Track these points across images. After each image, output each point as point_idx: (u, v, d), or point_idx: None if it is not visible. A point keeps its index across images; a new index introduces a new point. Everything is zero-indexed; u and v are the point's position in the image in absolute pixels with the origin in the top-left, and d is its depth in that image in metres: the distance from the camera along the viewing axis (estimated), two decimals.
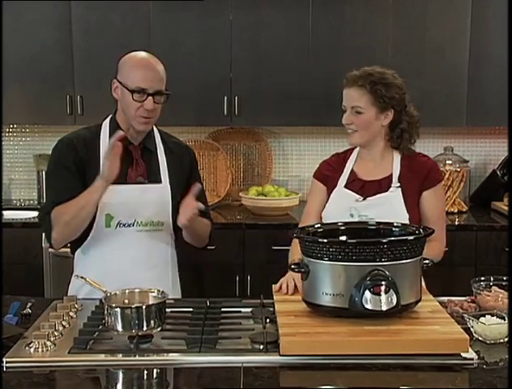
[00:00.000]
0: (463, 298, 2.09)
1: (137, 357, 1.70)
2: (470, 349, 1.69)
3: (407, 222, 2.18)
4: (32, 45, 3.66)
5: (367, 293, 1.72)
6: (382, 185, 2.30)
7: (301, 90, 3.69)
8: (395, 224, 1.98)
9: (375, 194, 2.29)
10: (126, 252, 2.21)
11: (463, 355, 1.68)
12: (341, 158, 2.45)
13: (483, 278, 2.13)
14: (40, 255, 3.49)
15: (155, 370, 1.66)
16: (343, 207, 2.29)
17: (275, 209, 3.69)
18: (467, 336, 1.69)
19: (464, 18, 3.63)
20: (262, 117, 3.73)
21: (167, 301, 1.85)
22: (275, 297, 1.99)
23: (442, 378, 1.64)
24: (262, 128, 4.12)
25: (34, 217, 3.62)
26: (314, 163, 4.13)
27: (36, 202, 4.01)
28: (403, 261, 1.76)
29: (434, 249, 2.18)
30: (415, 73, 3.62)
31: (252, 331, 1.82)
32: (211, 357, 1.69)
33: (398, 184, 2.28)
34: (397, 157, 2.34)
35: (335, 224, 2.03)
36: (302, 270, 1.82)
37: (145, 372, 1.66)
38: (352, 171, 2.37)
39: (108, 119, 2.30)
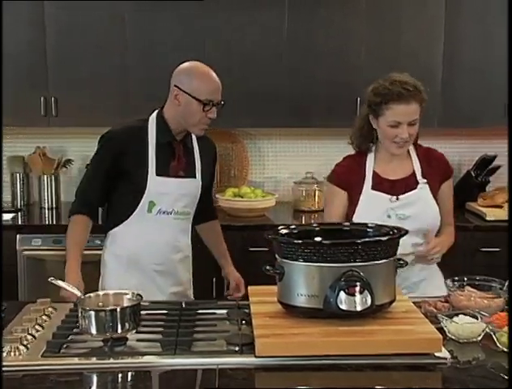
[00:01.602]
0: (437, 298, 2.11)
1: (111, 360, 1.69)
2: (443, 349, 1.71)
3: (439, 215, 2.38)
4: (4, 46, 3.61)
5: (341, 294, 1.73)
6: (409, 183, 2.39)
7: (277, 92, 3.69)
8: (369, 225, 2.00)
9: (404, 193, 2.37)
10: (161, 236, 2.43)
11: (437, 354, 1.69)
12: (357, 160, 2.48)
13: (456, 278, 2.15)
14: (14, 258, 3.44)
15: (129, 373, 1.66)
16: (378, 209, 2.34)
17: (252, 210, 3.69)
18: (440, 336, 1.71)
19: (438, 22, 3.67)
20: (238, 119, 3.72)
21: (141, 304, 1.84)
22: (250, 299, 1.99)
23: (416, 378, 1.66)
24: (239, 130, 4.11)
25: (7, 220, 3.58)
26: (290, 164, 4.20)
27: (10, 204, 3.95)
28: (378, 261, 1.77)
29: (452, 233, 2.45)
30: (389, 74, 3.65)
31: (227, 333, 1.82)
32: (185, 359, 1.69)
33: (425, 180, 2.39)
34: (413, 153, 2.43)
35: (310, 224, 2.05)
36: (277, 271, 1.82)
37: (119, 375, 1.64)
38: (375, 172, 2.41)
39: (154, 114, 2.46)
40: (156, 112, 2.46)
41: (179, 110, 2.37)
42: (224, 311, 2.01)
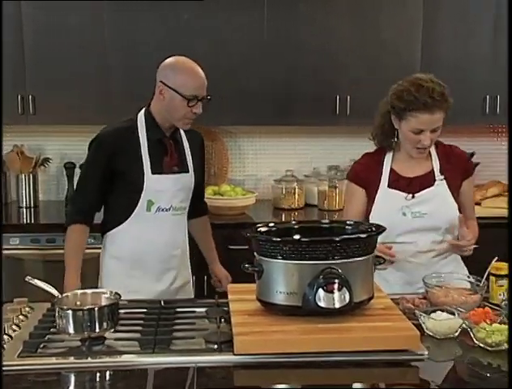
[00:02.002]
0: (415, 295, 2.13)
1: (89, 359, 1.68)
2: (421, 345, 1.72)
3: (457, 212, 2.35)
4: None
5: (320, 291, 1.73)
6: (426, 181, 2.37)
7: (257, 90, 3.69)
8: (348, 223, 2.01)
9: (420, 190, 2.35)
10: (162, 234, 2.44)
11: (415, 350, 1.70)
12: (375, 157, 2.46)
13: (434, 275, 2.17)
14: None
15: (107, 372, 1.65)
16: (393, 207, 2.34)
17: (232, 208, 3.69)
18: (417, 332, 1.72)
19: (416, 21, 3.71)
20: (219, 117, 3.72)
21: (120, 302, 1.84)
22: (229, 297, 1.99)
23: (394, 374, 1.68)
24: (219, 128, 4.11)
25: None
26: (270, 162, 4.21)
27: None
28: (356, 259, 1.78)
29: (475, 226, 2.46)
30: (369, 73, 3.68)
31: (206, 331, 1.83)
32: (164, 358, 1.69)
33: (442, 176, 2.38)
34: (433, 151, 2.42)
35: (289, 222, 2.05)
36: (256, 269, 1.83)
37: (97, 374, 1.64)
38: (392, 170, 2.40)
39: (142, 112, 2.45)
40: (144, 109, 2.45)
41: (164, 105, 2.37)
42: (203, 309, 2.01)
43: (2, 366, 1.60)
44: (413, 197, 2.34)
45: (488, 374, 1.65)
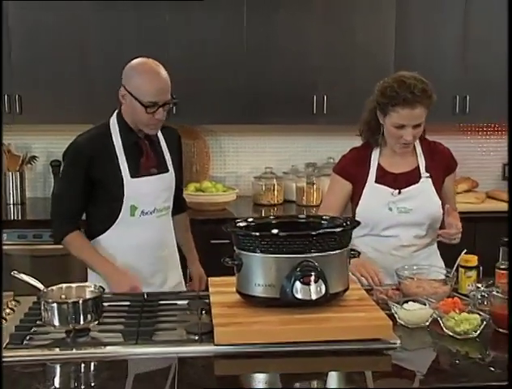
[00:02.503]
0: (389, 286, 2.19)
1: (74, 351, 1.72)
2: (393, 334, 1.78)
3: (439, 208, 2.39)
4: None
5: (297, 284, 1.78)
6: (412, 177, 2.41)
7: (237, 89, 3.76)
8: (324, 218, 2.06)
9: (407, 186, 2.39)
10: (148, 237, 2.38)
11: (387, 339, 1.76)
12: (362, 152, 2.49)
13: (406, 267, 2.24)
14: None
15: (92, 363, 1.69)
16: (379, 202, 2.38)
17: (213, 204, 3.75)
18: (390, 322, 1.78)
19: (389, 23, 3.80)
20: (200, 116, 3.79)
21: (104, 295, 1.88)
22: (210, 289, 2.03)
23: (368, 362, 1.73)
24: (200, 126, 4.15)
25: None
26: (250, 159, 4.27)
27: None
28: (332, 252, 1.83)
29: (458, 217, 2.40)
30: (344, 73, 3.76)
31: (187, 323, 1.87)
32: (147, 349, 1.73)
33: (428, 174, 2.41)
34: (418, 148, 2.46)
35: (267, 217, 2.10)
36: (235, 262, 1.87)
37: (82, 365, 1.67)
38: (379, 165, 2.44)
39: (114, 116, 2.38)
40: (116, 113, 2.37)
41: (128, 110, 2.31)
42: (185, 302, 2.05)
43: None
44: (399, 193, 2.38)
45: (457, 361, 1.72)
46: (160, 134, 2.44)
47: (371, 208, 2.37)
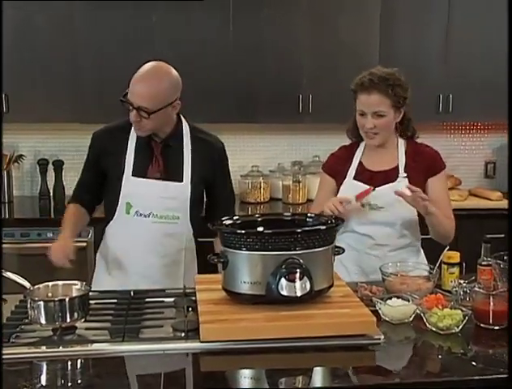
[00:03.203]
0: (372, 283, 2.20)
1: (60, 348, 1.73)
2: (377, 330, 1.81)
3: (415, 211, 2.34)
4: None
5: (283, 281, 1.79)
6: (390, 176, 2.41)
7: (223, 89, 3.77)
8: (309, 215, 2.08)
9: (383, 185, 2.40)
10: (140, 239, 2.37)
11: (371, 335, 1.79)
12: (348, 150, 2.52)
13: (390, 264, 2.26)
14: None
15: (78, 360, 1.70)
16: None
17: None
18: (374, 318, 1.80)
19: (374, 22, 3.83)
20: (188, 114, 3.77)
21: (91, 293, 1.89)
22: (196, 287, 2.04)
23: (352, 357, 1.76)
24: None
25: None
26: (237, 158, 4.26)
27: None
28: (316, 249, 1.85)
29: (446, 219, 2.37)
30: (329, 72, 3.78)
31: (174, 320, 1.88)
32: (133, 346, 1.74)
33: (405, 174, 2.40)
34: (401, 148, 2.46)
35: (253, 215, 2.11)
36: (221, 260, 1.89)
37: (69, 363, 1.68)
38: (360, 163, 2.47)
39: None
40: None
41: None
42: (172, 299, 2.07)
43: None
44: (373, 190, 2.39)
45: (440, 356, 1.75)
46: (187, 144, 2.40)
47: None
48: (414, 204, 2.29)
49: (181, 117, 2.45)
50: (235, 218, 2.05)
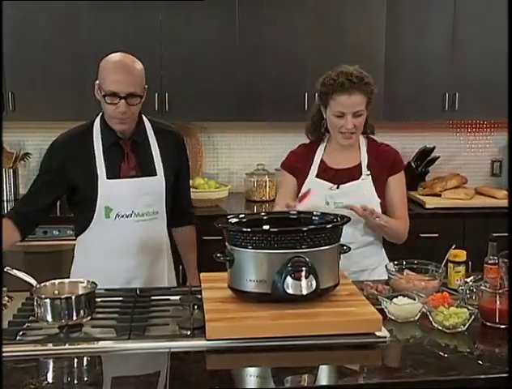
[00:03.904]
0: (379, 281, 2.22)
1: (67, 346, 1.73)
2: (383, 328, 1.81)
3: (378, 207, 2.38)
4: None
5: (288, 279, 1.79)
6: (353, 174, 2.42)
7: (229, 87, 3.78)
8: (315, 214, 2.07)
9: (347, 182, 2.40)
10: (125, 240, 2.32)
11: (377, 333, 1.79)
12: (308, 148, 2.53)
13: (396, 262, 2.26)
14: None
15: (84, 358, 1.70)
16: (318, 196, 2.36)
17: (206, 201, 3.76)
18: (380, 316, 1.80)
19: (380, 21, 3.82)
20: (192, 113, 3.81)
21: (97, 291, 1.89)
22: (202, 285, 2.04)
23: (358, 356, 1.75)
24: (193, 123, 4.17)
25: None
26: (242, 156, 4.29)
27: None
28: (322, 247, 1.85)
29: (397, 222, 2.42)
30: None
31: (180, 318, 1.88)
32: (139, 344, 1.74)
33: (369, 172, 2.42)
34: (363, 146, 2.47)
35: (259, 213, 2.11)
36: (227, 258, 1.89)
37: (75, 360, 1.68)
38: (322, 161, 2.47)
39: (100, 115, 2.33)
40: (101, 113, 2.33)
41: (102, 107, 2.26)
42: (177, 297, 2.07)
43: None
44: (338, 187, 2.39)
45: (446, 355, 1.74)
46: (152, 138, 2.38)
47: (310, 202, 2.31)
48: (366, 220, 2.35)
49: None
50: (241, 216, 2.05)
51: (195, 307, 1.95)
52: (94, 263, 2.33)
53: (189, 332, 1.79)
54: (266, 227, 1.96)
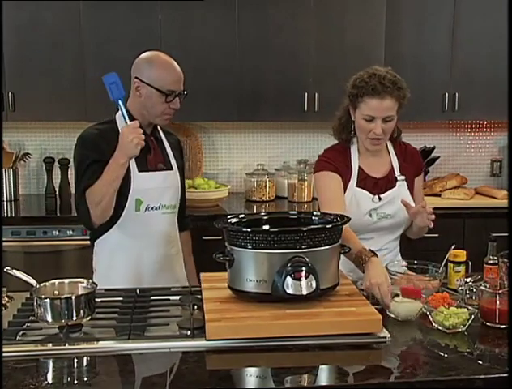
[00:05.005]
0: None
1: (67, 346, 1.73)
2: (383, 328, 1.81)
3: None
4: None
5: (288, 279, 1.80)
6: (389, 181, 2.39)
7: (229, 87, 3.79)
8: (315, 214, 2.07)
9: (385, 191, 2.37)
10: (154, 232, 2.38)
11: (377, 333, 1.79)
12: (339, 151, 2.41)
13: (396, 262, 2.26)
14: None
15: (84, 358, 1.70)
16: (361, 209, 2.34)
17: (206, 201, 3.76)
18: (380, 317, 1.80)
19: (379, 21, 3.82)
20: (192, 113, 3.79)
21: (97, 291, 1.89)
22: (202, 285, 2.04)
23: (358, 356, 1.75)
24: (193, 123, 4.17)
25: None
26: (242, 156, 4.30)
27: None
28: (322, 248, 1.85)
29: None
30: (335, 70, 3.77)
31: (180, 318, 1.89)
32: (139, 344, 1.74)
33: (403, 177, 2.40)
34: (391, 149, 2.45)
35: (258, 214, 2.11)
36: (227, 258, 1.89)
37: (75, 360, 1.69)
38: (360, 168, 2.39)
39: (119, 112, 2.31)
40: (119, 111, 2.32)
41: (141, 102, 2.31)
42: (177, 297, 2.07)
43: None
44: (380, 199, 2.36)
45: (446, 355, 1.73)
46: (162, 135, 2.47)
47: (351, 214, 2.16)
48: (414, 217, 2.25)
49: None
50: (241, 216, 2.05)
51: (195, 307, 1.95)
52: (123, 260, 2.36)
53: (189, 332, 1.79)
54: (266, 227, 1.97)
